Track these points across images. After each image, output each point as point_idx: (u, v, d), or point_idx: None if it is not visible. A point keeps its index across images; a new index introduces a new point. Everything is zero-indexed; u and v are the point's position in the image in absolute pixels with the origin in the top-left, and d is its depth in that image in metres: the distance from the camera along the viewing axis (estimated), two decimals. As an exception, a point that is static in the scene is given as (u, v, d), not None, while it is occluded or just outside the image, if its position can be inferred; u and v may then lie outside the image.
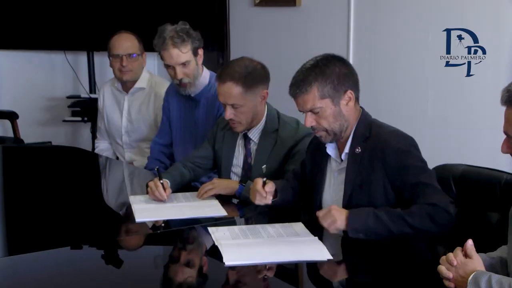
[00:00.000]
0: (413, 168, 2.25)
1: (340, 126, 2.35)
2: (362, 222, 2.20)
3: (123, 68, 3.72)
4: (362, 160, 2.33)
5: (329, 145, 2.43)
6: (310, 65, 2.34)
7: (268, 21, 4.50)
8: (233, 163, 2.95)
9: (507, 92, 1.81)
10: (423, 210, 2.17)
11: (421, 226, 2.16)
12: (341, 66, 2.34)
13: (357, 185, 2.32)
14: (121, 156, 3.91)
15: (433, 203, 2.17)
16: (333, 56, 2.38)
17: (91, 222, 2.64)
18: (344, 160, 2.40)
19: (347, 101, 2.33)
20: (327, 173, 2.47)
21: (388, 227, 2.18)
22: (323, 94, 2.30)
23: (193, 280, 2.12)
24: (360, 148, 2.34)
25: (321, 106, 2.31)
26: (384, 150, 2.28)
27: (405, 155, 2.26)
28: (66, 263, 2.24)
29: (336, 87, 2.30)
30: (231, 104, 2.76)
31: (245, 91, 2.75)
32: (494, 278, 1.75)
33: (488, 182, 2.39)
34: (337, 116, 2.33)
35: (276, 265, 2.14)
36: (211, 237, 2.31)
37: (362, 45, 3.93)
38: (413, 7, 3.71)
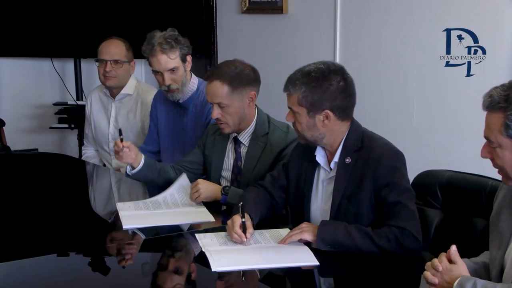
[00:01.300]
0: (396, 186, 2.26)
1: (313, 136, 2.36)
2: (331, 233, 2.22)
3: (106, 73, 3.72)
4: (352, 171, 2.33)
5: (318, 153, 2.43)
6: (305, 70, 2.35)
7: (255, 28, 4.52)
8: (223, 167, 2.96)
9: (489, 98, 1.83)
10: (392, 233, 2.18)
11: (388, 248, 2.18)
12: (333, 83, 2.30)
13: (346, 196, 2.33)
14: (107, 163, 3.90)
15: (403, 227, 2.19)
16: (336, 71, 2.34)
17: (78, 229, 2.63)
18: (333, 169, 2.40)
19: (324, 119, 2.33)
20: (316, 182, 2.46)
21: (356, 243, 2.19)
22: (301, 103, 2.32)
23: (181, 287, 2.11)
24: (350, 158, 2.34)
25: (297, 111, 2.34)
26: (376, 165, 2.28)
27: (393, 172, 2.28)
28: (52, 271, 2.23)
29: (314, 102, 2.30)
30: (217, 103, 2.78)
31: (231, 91, 2.76)
32: (480, 283, 1.76)
33: (473, 188, 2.41)
34: (311, 127, 2.34)
35: (263, 271, 2.14)
36: (199, 243, 2.31)
37: (349, 52, 3.95)
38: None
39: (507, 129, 1.78)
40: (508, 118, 1.77)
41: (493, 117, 1.82)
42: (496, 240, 1.95)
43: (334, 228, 2.24)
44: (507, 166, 1.83)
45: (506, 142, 1.80)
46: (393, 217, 2.22)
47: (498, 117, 1.80)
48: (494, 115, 1.81)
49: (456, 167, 2.60)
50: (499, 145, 1.81)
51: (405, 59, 3.78)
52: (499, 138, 1.80)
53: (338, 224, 2.25)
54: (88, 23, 4.75)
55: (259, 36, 4.51)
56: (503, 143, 1.80)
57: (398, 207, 2.23)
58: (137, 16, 4.65)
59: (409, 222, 2.21)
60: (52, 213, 2.84)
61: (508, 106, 1.77)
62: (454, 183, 2.49)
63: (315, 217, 2.44)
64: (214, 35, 4.73)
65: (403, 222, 2.20)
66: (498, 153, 1.83)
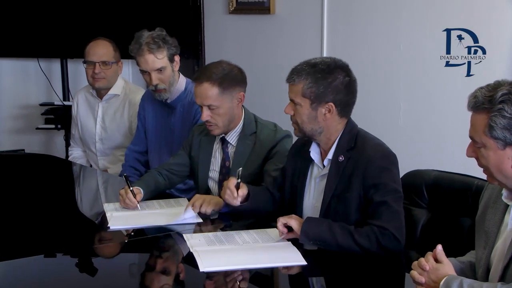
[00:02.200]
0: (383, 186, 2.27)
1: (312, 130, 2.37)
2: (314, 229, 2.23)
3: (95, 75, 3.70)
4: (344, 169, 2.34)
5: (313, 150, 2.44)
6: (313, 62, 2.37)
7: (242, 29, 4.52)
8: (210, 168, 2.95)
9: (474, 98, 1.84)
10: (372, 232, 2.20)
11: (367, 247, 2.19)
12: (338, 77, 2.34)
13: (337, 194, 2.34)
14: (94, 164, 3.89)
15: (384, 227, 2.20)
16: (342, 66, 2.38)
17: (65, 230, 2.63)
18: (326, 167, 2.41)
19: (326, 112, 2.35)
20: (309, 178, 2.48)
21: (337, 240, 2.20)
22: (305, 94, 2.33)
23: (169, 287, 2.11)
24: (343, 157, 2.36)
25: (300, 102, 2.34)
26: (367, 164, 2.29)
27: (383, 172, 2.29)
28: (40, 272, 2.22)
29: (319, 94, 2.32)
30: (207, 105, 2.77)
31: (221, 92, 2.76)
32: (466, 282, 1.78)
33: (459, 187, 2.43)
34: (311, 120, 2.35)
35: (251, 271, 2.15)
36: (186, 244, 2.31)
37: (336, 52, 3.95)
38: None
39: (491, 130, 1.79)
40: (492, 120, 1.78)
41: (478, 117, 1.83)
42: (482, 239, 1.96)
43: (318, 224, 2.26)
44: (491, 166, 1.84)
45: (490, 142, 1.81)
46: (376, 217, 2.24)
47: (483, 118, 1.81)
48: (479, 116, 1.82)
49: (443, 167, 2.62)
50: (483, 145, 1.83)
51: (392, 58, 3.79)
52: (484, 139, 1.82)
53: (322, 221, 2.28)
54: (75, 23, 4.73)
55: (246, 36, 4.51)
56: (487, 144, 1.82)
57: (382, 207, 2.24)
58: (124, 16, 4.63)
59: (391, 223, 2.21)
60: (39, 214, 2.83)
61: (492, 107, 1.78)
62: (440, 182, 2.50)
63: (306, 214, 2.45)
64: (202, 35, 4.72)
65: (385, 222, 2.21)
66: (483, 153, 1.84)
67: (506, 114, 1.76)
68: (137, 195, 2.75)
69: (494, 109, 1.78)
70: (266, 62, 4.33)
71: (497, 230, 1.92)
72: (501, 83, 1.82)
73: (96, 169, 3.83)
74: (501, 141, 1.79)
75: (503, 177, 1.84)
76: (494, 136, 1.79)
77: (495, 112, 1.77)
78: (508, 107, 1.76)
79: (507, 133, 1.77)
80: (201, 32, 4.72)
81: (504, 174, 1.83)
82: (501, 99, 1.77)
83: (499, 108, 1.77)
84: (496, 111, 1.77)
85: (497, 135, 1.78)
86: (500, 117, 1.77)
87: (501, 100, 1.77)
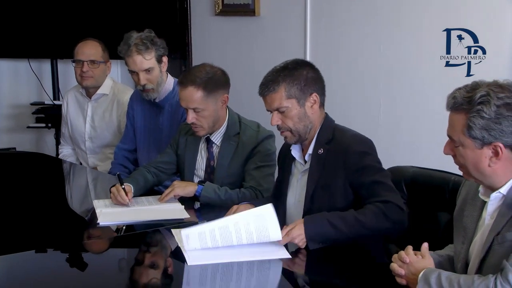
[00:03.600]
0: (369, 168, 2.28)
1: (305, 127, 2.38)
2: (318, 232, 2.20)
3: (83, 73, 3.69)
4: (325, 161, 2.35)
5: (293, 148, 2.45)
6: (280, 67, 2.39)
7: (228, 30, 4.52)
8: (196, 166, 2.95)
9: (453, 99, 1.85)
10: (376, 208, 2.19)
11: (376, 224, 2.17)
12: (309, 70, 2.38)
13: (320, 186, 2.35)
14: (84, 162, 3.87)
15: (386, 200, 2.20)
16: (303, 60, 2.45)
17: (56, 226, 2.61)
18: (307, 162, 2.42)
19: (312, 104, 2.37)
20: (293, 175, 2.49)
21: (344, 232, 2.18)
22: (290, 94, 2.34)
23: (158, 282, 2.11)
24: (322, 149, 2.37)
25: (287, 105, 2.34)
26: (345, 153, 2.31)
27: (363, 157, 2.30)
28: (31, 267, 2.21)
29: (302, 88, 2.34)
30: (192, 108, 2.77)
31: (206, 96, 2.76)
32: (444, 275, 1.79)
33: (437, 183, 2.44)
34: (302, 117, 2.36)
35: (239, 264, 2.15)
36: (174, 239, 2.30)
37: (318, 52, 3.97)
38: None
39: (469, 130, 1.80)
40: (470, 120, 1.79)
41: (456, 117, 1.84)
42: (460, 235, 1.98)
43: (319, 225, 2.21)
44: (469, 164, 1.85)
45: (468, 142, 1.82)
46: (373, 195, 2.23)
47: (461, 118, 1.82)
48: (457, 116, 1.84)
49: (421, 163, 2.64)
50: (461, 144, 1.84)
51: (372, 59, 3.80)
52: (462, 138, 1.83)
53: (321, 220, 2.21)
54: (65, 24, 4.70)
55: (232, 38, 4.51)
56: (465, 143, 1.83)
57: (375, 185, 2.25)
58: (113, 17, 4.61)
59: (391, 195, 2.22)
60: (30, 211, 2.81)
61: (471, 108, 1.79)
62: (419, 178, 2.52)
63: (290, 210, 2.47)
64: (189, 36, 4.71)
65: (384, 196, 2.21)
66: (461, 151, 1.85)
67: (484, 115, 1.77)
68: (129, 193, 2.74)
69: (473, 110, 1.79)
70: (251, 63, 4.33)
71: (475, 225, 1.93)
72: (479, 84, 1.83)
73: (85, 166, 3.81)
74: (479, 140, 1.80)
75: (480, 175, 1.85)
76: (473, 136, 1.80)
77: (474, 113, 1.79)
78: (486, 108, 1.77)
79: (485, 133, 1.79)
80: (188, 33, 4.71)
81: (481, 172, 1.84)
82: (480, 100, 1.78)
83: (477, 109, 1.78)
84: (475, 112, 1.78)
85: (476, 135, 1.80)
86: (479, 117, 1.78)
87: (479, 101, 1.78)
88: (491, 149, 1.80)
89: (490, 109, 1.77)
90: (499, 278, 1.69)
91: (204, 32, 4.66)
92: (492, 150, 1.80)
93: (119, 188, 2.73)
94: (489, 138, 1.79)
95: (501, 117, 1.77)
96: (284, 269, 2.16)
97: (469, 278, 1.75)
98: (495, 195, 1.85)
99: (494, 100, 1.77)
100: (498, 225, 1.81)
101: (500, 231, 1.80)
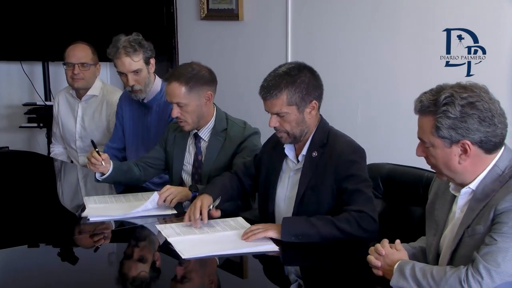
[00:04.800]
0: (355, 176, 2.29)
1: (301, 131, 2.37)
2: (295, 226, 2.22)
3: (75, 76, 3.68)
4: (318, 164, 2.36)
5: (287, 147, 2.44)
6: (282, 71, 2.34)
7: (213, 34, 4.51)
8: (184, 161, 2.96)
9: (420, 103, 1.87)
10: (351, 216, 2.21)
11: (349, 230, 2.19)
12: (311, 77, 2.35)
13: (310, 186, 2.35)
14: (75, 160, 3.85)
15: (362, 210, 2.22)
16: (305, 66, 2.39)
17: (48, 222, 2.60)
18: (300, 161, 2.42)
19: (311, 110, 2.36)
20: (283, 171, 2.48)
21: (319, 231, 2.20)
22: (291, 102, 2.31)
23: (146, 275, 2.11)
24: (316, 152, 2.37)
25: (287, 111, 2.32)
26: (338, 159, 2.31)
27: (352, 165, 2.31)
28: (24, 261, 2.21)
29: (303, 97, 2.32)
30: (176, 102, 2.79)
31: (188, 91, 2.77)
32: (417, 266, 1.81)
33: (411, 179, 2.46)
34: (300, 122, 2.35)
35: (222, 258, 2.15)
36: (161, 233, 2.30)
37: (299, 55, 3.97)
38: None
39: (437, 131, 1.82)
40: (438, 121, 1.81)
41: (425, 120, 1.86)
42: (432, 227, 2.00)
43: (296, 221, 2.24)
44: (440, 163, 1.87)
45: (437, 142, 1.84)
46: (352, 203, 2.25)
47: (429, 120, 1.84)
48: (425, 118, 1.85)
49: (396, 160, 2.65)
50: (431, 145, 1.86)
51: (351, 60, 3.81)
52: (431, 139, 1.85)
53: (299, 218, 2.27)
54: (55, 28, 4.68)
55: (217, 41, 4.50)
56: (435, 143, 1.85)
57: (356, 194, 2.26)
58: (102, 21, 4.59)
59: (367, 206, 2.23)
60: (23, 207, 2.80)
61: (437, 109, 1.81)
62: (394, 175, 2.54)
63: (278, 204, 2.47)
64: (175, 39, 4.71)
65: (361, 206, 2.22)
66: (431, 152, 1.87)
67: (450, 115, 1.79)
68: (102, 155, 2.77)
69: (439, 111, 1.81)
70: (235, 65, 4.33)
71: (445, 218, 1.95)
72: (443, 87, 1.85)
73: (76, 165, 3.80)
74: (447, 139, 1.82)
75: (451, 173, 1.87)
76: (441, 136, 1.82)
77: (440, 113, 1.80)
78: (451, 108, 1.79)
79: (452, 132, 1.81)
80: (175, 36, 4.70)
81: (452, 170, 1.86)
82: (445, 101, 1.80)
83: (443, 110, 1.80)
84: (441, 113, 1.80)
85: (444, 135, 1.82)
86: (445, 118, 1.80)
87: (444, 103, 1.80)
88: (460, 147, 1.82)
89: (455, 109, 1.79)
90: (470, 269, 1.71)
91: (190, 35, 4.65)
92: (461, 148, 1.82)
93: (93, 152, 2.75)
94: (456, 137, 1.81)
95: (466, 116, 1.79)
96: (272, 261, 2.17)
97: (442, 269, 1.77)
98: (465, 190, 1.88)
99: (458, 100, 1.79)
100: (468, 219, 1.83)
101: (470, 224, 1.82)
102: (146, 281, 2.07)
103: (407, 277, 1.79)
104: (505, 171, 1.83)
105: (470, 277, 1.70)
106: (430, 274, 1.75)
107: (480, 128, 1.79)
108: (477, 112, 1.78)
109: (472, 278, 1.70)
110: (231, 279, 2.10)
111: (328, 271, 2.09)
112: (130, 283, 2.07)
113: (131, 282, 2.07)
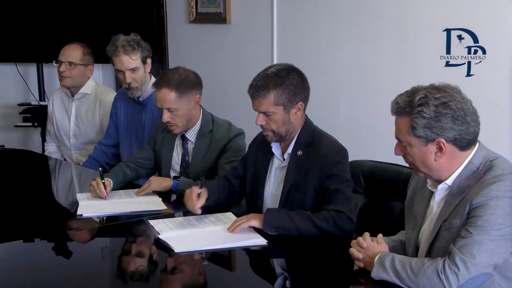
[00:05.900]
0: (337, 176, 2.29)
1: (286, 131, 2.37)
2: (276, 219, 2.23)
3: (61, 73, 3.67)
4: (303, 163, 2.36)
5: (274, 145, 2.44)
6: (272, 72, 2.34)
7: (201, 36, 4.51)
8: (172, 162, 2.95)
9: (396, 104, 1.88)
10: (330, 215, 2.21)
11: (325, 228, 2.19)
12: (299, 80, 2.35)
13: (295, 185, 2.35)
14: (68, 158, 3.84)
15: (340, 210, 2.22)
16: (293, 68, 2.38)
17: (42, 218, 2.59)
18: (286, 160, 2.42)
19: (297, 111, 2.36)
20: (269, 169, 2.48)
21: (297, 225, 2.21)
22: (278, 102, 2.31)
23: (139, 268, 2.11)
24: (302, 151, 2.37)
25: (274, 111, 2.32)
26: (323, 159, 2.31)
27: (336, 165, 2.31)
28: (19, 255, 2.20)
29: (290, 98, 2.32)
30: (167, 108, 2.77)
31: (178, 96, 2.76)
32: (397, 258, 1.82)
33: (391, 175, 2.48)
34: (286, 122, 2.35)
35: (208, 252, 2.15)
36: (154, 229, 2.30)
37: (285, 56, 3.96)
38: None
39: (413, 130, 1.83)
40: (413, 121, 1.82)
41: (401, 121, 1.87)
42: (411, 222, 2.01)
43: (278, 214, 2.25)
44: (417, 161, 1.89)
45: (414, 141, 1.85)
46: (331, 202, 2.25)
47: (405, 120, 1.85)
48: (402, 119, 1.87)
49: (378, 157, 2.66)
50: (408, 144, 1.87)
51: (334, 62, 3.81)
52: (408, 138, 1.86)
53: (281, 211, 2.28)
54: (49, 30, 4.65)
55: (205, 43, 4.50)
56: (411, 142, 1.86)
57: (336, 194, 2.26)
58: (95, 24, 4.57)
59: (345, 206, 2.24)
60: (18, 204, 2.79)
61: (412, 110, 1.82)
62: (375, 171, 2.55)
63: (266, 201, 2.47)
64: (165, 42, 4.70)
65: (340, 206, 2.23)
66: (409, 150, 1.88)
67: (425, 115, 1.81)
68: (107, 187, 2.73)
69: (414, 111, 1.82)
70: (223, 66, 4.33)
71: (423, 213, 1.97)
72: (418, 88, 1.87)
73: (70, 162, 3.78)
74: (423, 138, 1.83)
75: (428, 170, 1.89)
76: (417, 135, 1.84)
77: (416, 114, 1.82)
78: (426, 108, 1.80)
79: (427, 131, 1.82)
80: (165, 39, 4.70)
81: (428, 167, 1.88)
82: (419, 102, 1.81)
83: (418, 111, 1.81)
84: (416, 113, 1.82)
85: (419, 134, 1.83)
86: (420, 118, 1.81)
87: (419, 103, 1.81)
88: (435, 145, 1.84)
89: (429, 109, 1.80)
90: (447, 261, 1.73)
91: (179, 38, 4.64)
92: (436, 146, 1.84)
93: (99, 181, 2.72)
94: (431, 135, 1.82)
95: (440, 115, 1.80)
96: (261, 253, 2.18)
97: (420, 261, 1.78)
98: (441, 186, 1.89)
99: (432, 101, 1.80)
100: (445, 213, 1.85)
101: (447, 218, 1.84)
102: (138, 274, 2.07)
103: (387, 268, 1.80)
104: (479, 167, 1.84)
105: (447, 268, 1.71)
106: (409, 266, 1.77)
107: (454, 127, 1.81)
108: (450, 111, 1.80)
109: (449, 269, 1.71)
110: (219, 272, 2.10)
111: (312, 264, 2.10)
112: (123, 276, 2.07)
113: (124, 275, 2.07)
